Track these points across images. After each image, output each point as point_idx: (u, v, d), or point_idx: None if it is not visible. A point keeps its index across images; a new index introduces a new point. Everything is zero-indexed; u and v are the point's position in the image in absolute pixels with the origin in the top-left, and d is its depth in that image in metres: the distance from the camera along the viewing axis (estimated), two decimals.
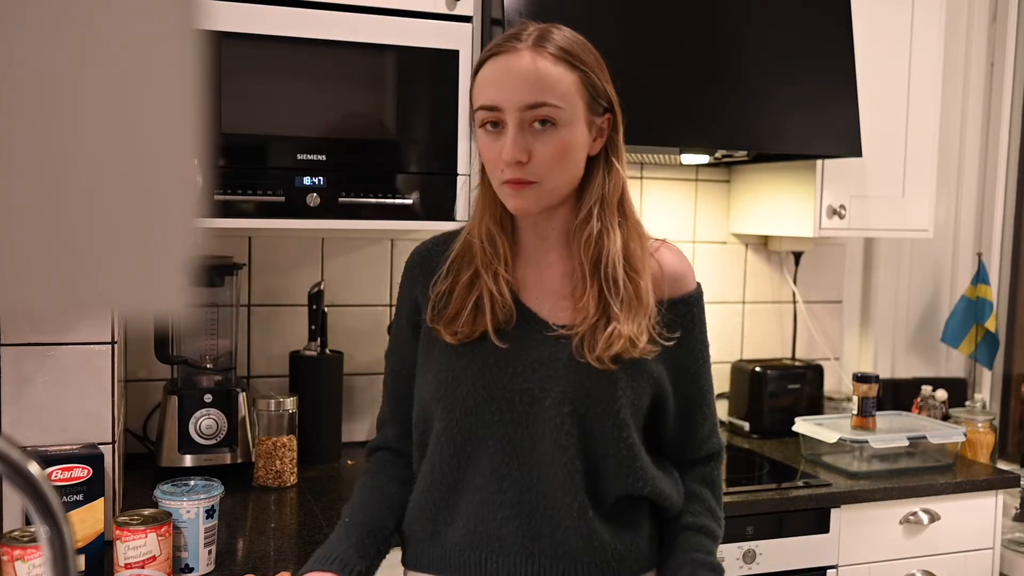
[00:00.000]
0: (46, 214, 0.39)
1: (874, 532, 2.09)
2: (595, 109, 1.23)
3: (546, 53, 1.19)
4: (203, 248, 0.40)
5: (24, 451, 0.60)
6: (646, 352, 1.21)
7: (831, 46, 2.14)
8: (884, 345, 2.86)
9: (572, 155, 1.21)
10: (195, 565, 1.46)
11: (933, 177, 2.45)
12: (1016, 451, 2.87)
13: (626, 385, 1.22)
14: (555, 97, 1.18)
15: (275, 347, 2.22)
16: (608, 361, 1.19)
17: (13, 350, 1.51)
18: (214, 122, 1.73)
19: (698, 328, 1.29)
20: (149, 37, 0.40)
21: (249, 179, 1.76)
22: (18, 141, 0.38)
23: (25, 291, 0.39)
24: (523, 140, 1.18)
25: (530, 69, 1.18)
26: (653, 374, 1.24)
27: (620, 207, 1.25)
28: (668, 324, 1.24)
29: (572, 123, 1.20)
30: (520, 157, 1.17)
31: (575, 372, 1.21)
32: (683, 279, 1.29)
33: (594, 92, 1.22)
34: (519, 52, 1.19)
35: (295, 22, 1.78)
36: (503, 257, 1.26)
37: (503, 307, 1.24)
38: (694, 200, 2.62)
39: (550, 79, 1.18)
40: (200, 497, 1.47)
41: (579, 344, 1.21)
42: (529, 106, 1.18)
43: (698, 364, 1.30)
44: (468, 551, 1.24)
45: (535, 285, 1.28)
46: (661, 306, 1.24)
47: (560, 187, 1.22)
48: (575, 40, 1.23)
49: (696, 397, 1.30)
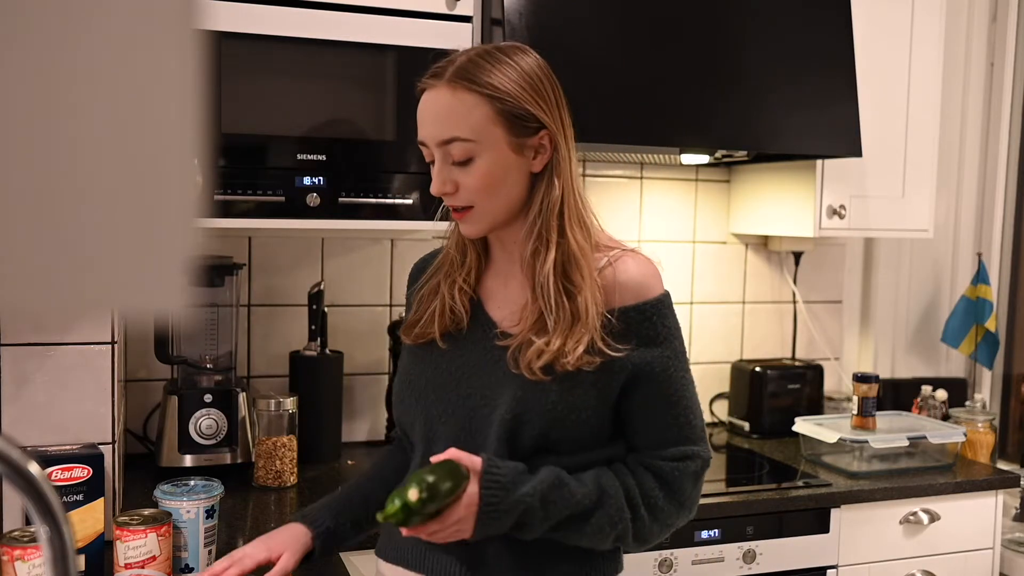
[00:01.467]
0: (46, 214, 0.39)
1: (874, 532, 2.09)
2: (520, 131, 1.22)
3: (460, 85, 1.20)
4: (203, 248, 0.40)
5: (24, 451, 0.60)
6: (583, 364, 1.19)
7: (831, 46, 2.14)
8: (884, 345, 2.86)
9: (496, 181, 1.22)
10: (195, 565, 1.46)
11: (933, 177, 2.45)
12: (1016, 451, 2.87)
13: (557, 397, 1.21)
14: (466, 131, 1.20)
15: (275, 347, 2.22)
16: (539, 372, 1.20)
17: (13, 350, 1.51)
18: (214, 122, 1.73)
19: (661, 336, 1.24)
20: (149, 37, 0.40)
21: (249, 179, 1.76)
22: (18, 141, 0.38)
23: (25, 291, 0.39)
24: (446, 173, 1.23)
25: (442, 105, 1.21)
26: (598, 384, 1.22)
27: (560, 222, 1.23)
28: (618, 334, 1.21)
29: (490, 151, 1.21)
30: (445, 189, 1.23)
31: (512, 381, 1.23)
32: (639, 288, 1.24)
33: (513, 116, 1.21)
34: (436, 88, 1.22)
35: (295, 22, 1.78)
36: (469, 267, 1.31)
37: (454, 315, 1.29)
38: (694, 200, 2.62)
39: (459, 112, 1.20)
40: (200, 497, 1.47)
41: (512, 355, 1.23)
42: (443, 142, 1.21)
43: (663, 370, 1.24)
44: (416, 546, 1.29)
45: (499, 294, 1.31)
46: (612, 315, 1.22)
47: (497, 209, 1.24)
48: (497, 65, 1.22)
49: (661, 404, 1.25)
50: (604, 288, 1.23)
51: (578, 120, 1.31)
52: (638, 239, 2.56)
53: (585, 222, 1.26)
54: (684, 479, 1.25)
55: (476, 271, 1.32)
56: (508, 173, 1.22)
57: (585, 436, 1.24)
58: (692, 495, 1.27)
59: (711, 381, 2.65)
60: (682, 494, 1.26)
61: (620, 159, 2.43)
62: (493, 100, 1.20)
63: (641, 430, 1.27)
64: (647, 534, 1.26)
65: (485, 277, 1.33)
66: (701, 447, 1.28)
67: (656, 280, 1.26)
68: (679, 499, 1.26)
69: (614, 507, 1.21)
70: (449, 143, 1.21)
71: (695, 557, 1.93)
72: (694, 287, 2.63)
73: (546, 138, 1.24)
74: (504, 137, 1.21)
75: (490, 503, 1.15)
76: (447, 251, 1.35)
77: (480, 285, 1.32)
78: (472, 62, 1.22)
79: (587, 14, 1.92)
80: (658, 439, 1.26)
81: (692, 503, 1.28)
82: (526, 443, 1.22)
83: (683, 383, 1.27)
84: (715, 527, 1.94)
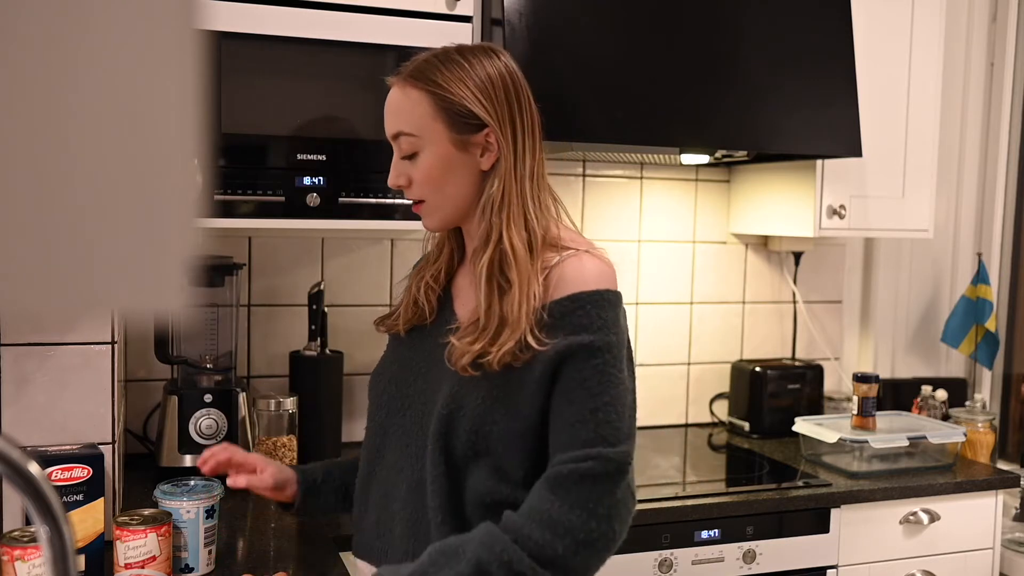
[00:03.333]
0: (46, 214, 0.39)
1: (874, 532, 2.09)
2: (461, 128, 1.25)
3: (409, 82, 1.27)
4: (203, 248, 0.40)
5: (24, 451, 0.60)
6: (509, 360, 1.18)
7: (831, 46, 2.14)
8: (884, 345, 2.86)
9: (440, 176, 1.27)
10: (195, 565, 1.46)
11: (933, 177, 2.45)
12: (1016, 451, 2.87)
13: (486, 392, 1.21)
14: (409, 125, 1.26)
15: (275, 347, 2.22)
16: (469, 369, 1.21)
17: (13, 350, 1.51)
18: (214, 122, 1.73)
19: (595, 325, 1.19)
20: (149, 37, 0.40)
21: (249, 179, 1.76)
22: (18, 141, 0.38)
23: (25, 291, 0.39)
24: (400, 167, 1.29)
25: (394, 100, 1.29)
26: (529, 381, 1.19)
27: (500, 221, 1.24)
28: (549, 328, 1.19)
29: (432, 145, 1.26)
30: (398, 182, 1.30)
31: (448, 376, 1.25)
32: (569, 282, 1.21)
33: (454, 114, 1.24)
34: (393, 84, 1.30)
35: (295, 22, 1.78)
36: (440, 263, 1.37)
37: (417, 308, 1.34)
38: (694, 200, 2.62)
39: (405, 108, 1.27)
40: (200, 497, 1.47)
41: (448, 352, 1.25)
42: (393, 136, 1.29)
43: (588, 356, 1.18)
44: (373, 539, 1.32)
45: (467, 291, 1.33)
46: (544, 309, 1.20)
47: (445, 204, 1.29)
48: (447, 64, 1.26)
49: (580, 396, 1.17)
50: (546, 285, 1.22)
51: (578, 120, 1.31)
52: (638, 239, 2.56)
53: (531, 223, 1.25)
54: (576, 480, 1.13)
55: (448, 267, 1.36)
56: (452, 168, 1.27)
57: (516, 437, 1.20)
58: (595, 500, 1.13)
59: (711, 381, 2.65)
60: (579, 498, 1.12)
61: (620, 159, 2.43)
62: (435, 96, 1.25)
63: (556, 428, 1.19)
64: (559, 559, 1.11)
65: (458, 274, 1.37)
66: (617, 449, 1.15)
67: (602, 278, 1.22)
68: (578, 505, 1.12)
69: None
70: (397, 137, 1.28)
71: (695, 557, 1.93)
72: (694, 287, 2.63)
73: (492, 136, 1.25)
74: (445, 133, 1.25)
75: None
76: (429, 247, 1.42)
77: (453, 281, 1.37)
78: (427, 61, 1.28)
79: (587, 14, 1.92)
80: (570, 438, 1.16)
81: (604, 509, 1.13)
82: (461, 439, 1.22)
83: (610, 378, 1.18)
84: (715, 527, 1.94)
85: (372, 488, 1.34)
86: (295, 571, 1.48)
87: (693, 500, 1.95)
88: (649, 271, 2.58)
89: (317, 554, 1.57)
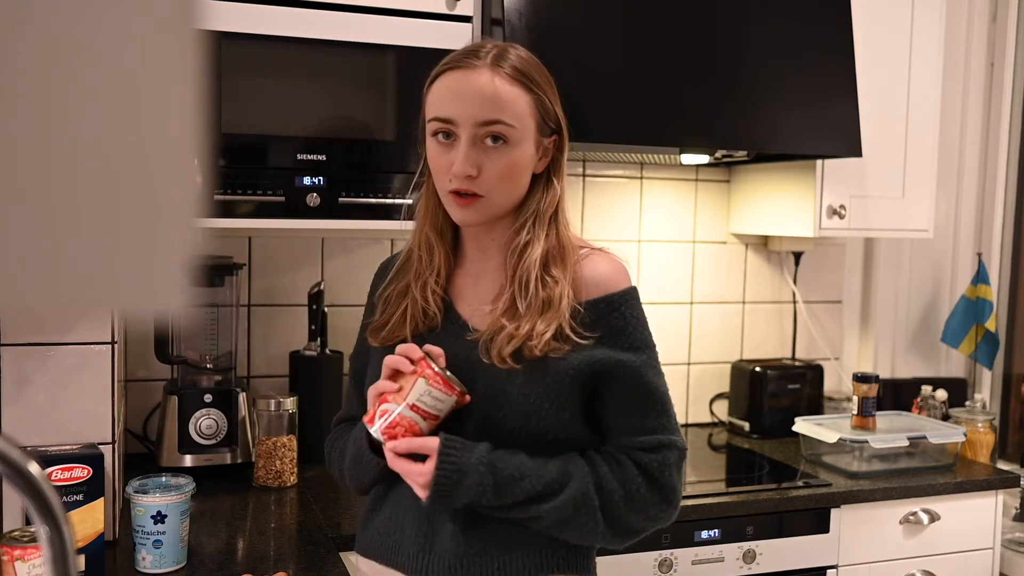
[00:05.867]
0: (46, 214, 0.39)
1: (874, 532, 2.09)
2: (544, 130, 1.29)
3: (503, 73, 1.25)
4: (203, 248, 0.40)
5: (24, 451, 0.60)
6: (551, 349, 1.21)
7: (831, 46, 2.14)
8: (884, 345, 2.86)
9: (518, 173, 1.27)
10: (167, 562, 1.46)
11: (933, 177, 2.45)
12: (1016, 451, 2.87)
13: (525, 385, 1.23)
14: (509, 116, 1.24)
15: (275, 347, 2.22)
16: (509, 360, 1.22)
17: (13, 350, 1.51)
18: (214, 122, 1.73)
19: (631, 326, 1.27)
20: (149, 37, 0.40)
21: (249, 179, 1.76)
22: (18, 141, 0.38)
23: (25, 291, 0.39)
24: (474, 155, 1.23)
25: (487, 86, 1.23)
26: (569, 372, 1.23)
27: (552, 221, 1.29)
28: (587, 324, 1.24)
29: (522, 142, 1.25)
30: (470, 171, 1.23)
31: (481, 374, 1.25)
32: (605, 282, 1.27)
33: (544, 114, 1.28)
34: (477, 69, 1.24)
35: (295, 22, 1.78)
36: (437, 267, 1.32)
37: (427, 316, 1.31)
38: (694, 200, 2.62)
39: (506, 98, 1.24)
40: (172, 495, 1.47)
41: (484, 345, 1.25)
42: (484, 123, 1.23)
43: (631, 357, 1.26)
44: (383, 537, 1.32)
45: (470, 293, 1.33)
46: (580, 307, 1.25)
47: (504, 203, 1.27)
48: (531, 62, 1.29)
49: (633, 387, 1.26)
50: (574, 283, 1.26)
51: (578, 120, 1.32)
52: (638, 239, 2.56)
53: (569, 222, 1.31)
54: (667, 469, 1.25)
55: (446, 270, 1.33)
56: (525, 168, 1.28)
57: (557, 429, 1.24)
58: (676, 487, 1.27)
59: (711, 381, 2.65)
60: (667, 486, 1.25)
61: (620, 159, 2.43)
62: (534, 97, 1.26)
63: (619, 419, 1.27)
64: (623, 524, 1.25)
65: (455, 276, 1.35)
66: (677, 436, 1.28)
67: (623, 276, 1.30)
68: (663, 491, 1.25)
69: (579, 490, 1.21)
70: (490, 124, 1.23)
71: (695, 557, 1.93)
72: (694, 287, 2.63)
73: (553, 142, 1.30)
74: (533, 132, 1.27)
75: (449, 453, 1.19)
76: (411, 251, 1.36)
77: (450, 285, 1.34)
78: (522, 59, 1.27)
79: (587, 14, 1.92)
80: (638, 426, 1.26)
81: (676, 496, 1.28)
82: (504, 437, 1.23)
83: (656, 374, 1.28)
84: (715, 527, 1.94)
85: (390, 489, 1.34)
86: (295, 571, 1.48)
87: (693, 500, 1.94)
88: (649, 271, 2.58)
89: (317, 554, 1.57)
